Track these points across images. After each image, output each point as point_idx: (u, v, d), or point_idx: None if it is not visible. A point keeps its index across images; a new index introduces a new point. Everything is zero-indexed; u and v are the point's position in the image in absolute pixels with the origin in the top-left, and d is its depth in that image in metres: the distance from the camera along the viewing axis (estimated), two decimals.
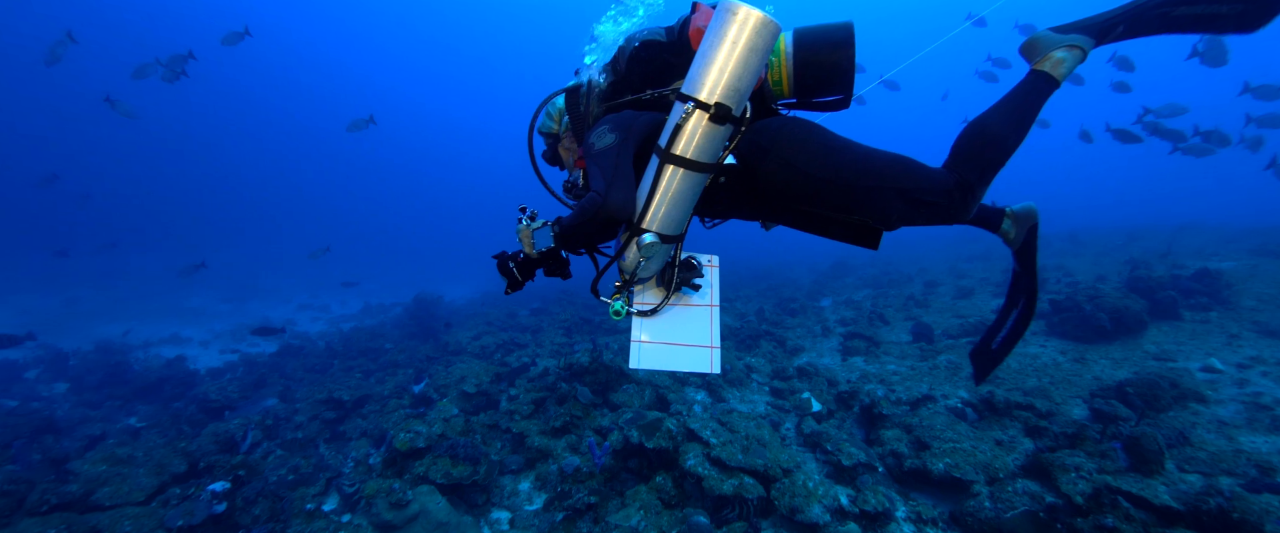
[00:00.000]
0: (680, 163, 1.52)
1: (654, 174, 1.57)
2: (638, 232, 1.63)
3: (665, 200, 1.58)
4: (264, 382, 8.76)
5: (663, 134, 1.56)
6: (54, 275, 19.28)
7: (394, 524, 4.19)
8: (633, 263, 1.69)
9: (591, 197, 1.61)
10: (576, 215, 1.67)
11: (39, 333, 12.84)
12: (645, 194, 1.60)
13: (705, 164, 1.53)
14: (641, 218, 1.61)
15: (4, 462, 5.55)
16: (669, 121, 1.54)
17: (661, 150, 1.54)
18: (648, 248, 1.62)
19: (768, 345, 8.70)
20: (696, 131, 1.48)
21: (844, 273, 16.07)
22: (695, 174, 1.54)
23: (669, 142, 1.51)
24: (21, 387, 9.65)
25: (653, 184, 1.57)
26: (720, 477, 4.61)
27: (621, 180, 1.60)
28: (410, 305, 13.46)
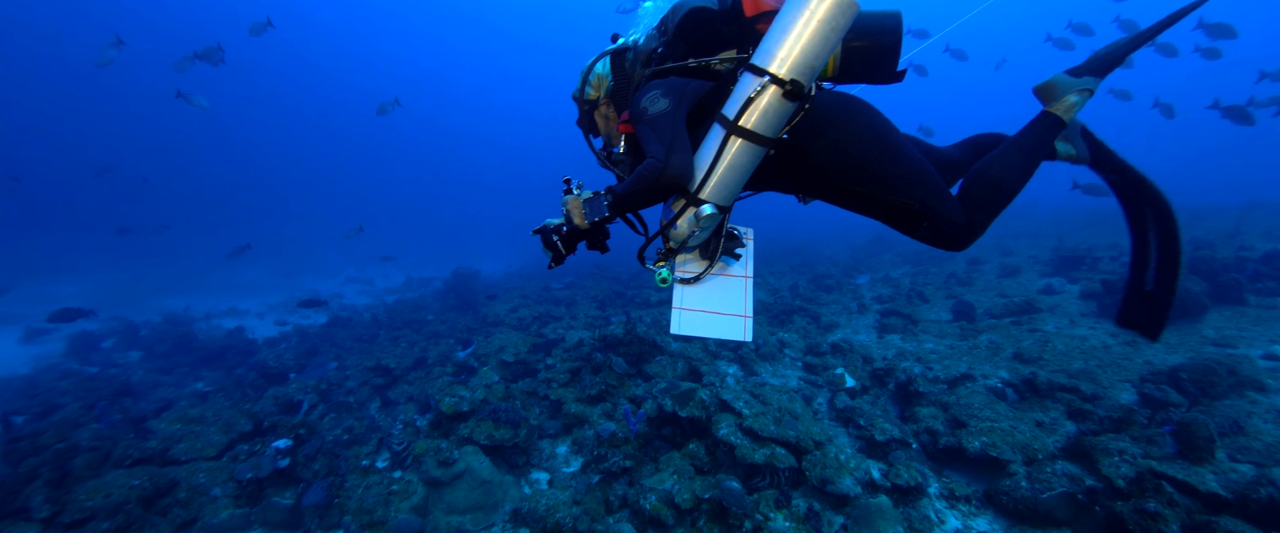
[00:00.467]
0: (746, 135, 1.52)
1: (718, 144, 1.57)
2: (696, 202, 1.63)
3: (725, 170, 1.58)
4: (316, 350, 9.27)
5: (729, 105, 1.56)
6: (119, 255, 20.63)
7: (442, 481, 4.46)
8: (685, 233, 1.71)
9: (650, 163, 1.60)
10: (634, 182, 1.65)
11: (110, 307, 13.91)
12: (706, 164, 1.59)
13: (768, 138, 1.54)
14: (700, 188, 1.62)
15: (89, 421, 6.10)
16: (737, 93, 1.54)
17: (728, 122, 1.54)
18: (708, 219, 1.63)
19: (801, 321, 8.65)
20: (767, 106, 1.48)
21: (882, 249, 15.69)
22: (757, 147, 1.55)
23: (738, 114, 1.51)
24: (99, 355, 10.49)
25: (716, 155, 1.57)
26: (752, 446, 4.69)
27: (680, 146, 1.60)
28: (449, 279, 13.88)
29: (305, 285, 17.84)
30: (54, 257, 20.35)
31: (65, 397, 7.57)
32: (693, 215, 1.65)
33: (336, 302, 15.22)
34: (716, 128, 1.59)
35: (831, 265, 13.77)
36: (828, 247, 17.99)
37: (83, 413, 6.27)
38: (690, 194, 1.64)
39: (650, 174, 1.59)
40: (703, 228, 1.67)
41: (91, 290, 16.71)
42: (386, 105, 11.20)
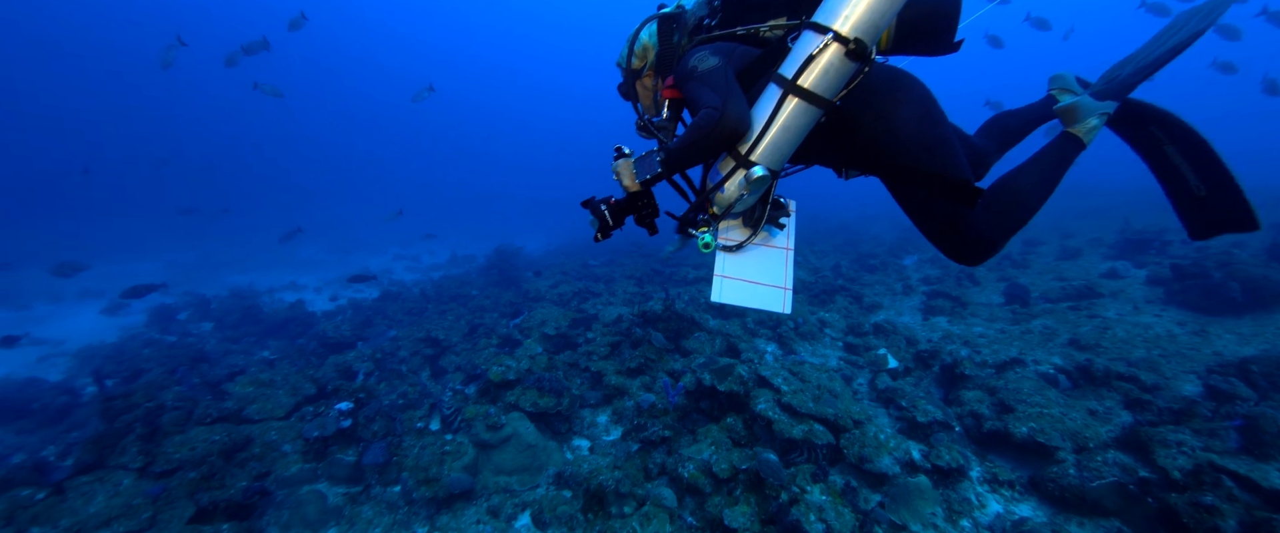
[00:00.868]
0: (803, 94, 1.49)
1: (773, 104, 1.54)
2: (747, 163, 1.60)
3: (778, 131, 1.55)
4: (370, 322, 9.78)
5: (787, 64, 1.54)
6: (187, 236, 22.08)
7: (490, 443, 4.70)
8: (732, 196, 1.67)
9: (706, 112, 1.57)
10: (688, 133, 1.62)
11: (183, 283, 15.02)
12: (759, 124, 1.56)
13: (824, 100, 1.50)
14: (752, 148, 1.59)
15: (172, 384, 6.66)
16: (797, 51, 1.52)
17: (786, 80, 1.51)
18: (758, 182, 1.58)
19: (843, 301, 8.51)
20: (828, 65, 1.45)
21: None
22: (812, 109, 1.52)
23: (798, 72, 1.48)
24: (176, 326, 11.38)
25: (771, 114, 1.54)
26: (790, 422, 4.72)
27: (736, 94, 1.58)
28: (492, 256, 14.28)
29: (357, 262, 18.72)
30: (127, 238, 22.03)
31: (149, 362, 8.30)
32: (743, 178, 1.61)
33: (386, 277, 15.94)
34: (772, 87, 1.57)
35: (876, 245, 13.41)
36: (873, 226, 17.47)
37: (165, 377, 6.86)
38: (740, 155, 1.61)
39: (707, 123, 1.56)
40: (752, 191, 1.63)
41: (164, 268, 18.04)
42: (420, 93, 11.44)
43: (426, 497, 4.30)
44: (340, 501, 4.48)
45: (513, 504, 4.35)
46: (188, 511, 4.01)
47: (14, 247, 18.75)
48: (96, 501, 4.03)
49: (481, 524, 4.18)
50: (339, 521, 4.31)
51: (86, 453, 5.05)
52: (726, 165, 1.67)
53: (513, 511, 4.30)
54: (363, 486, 4.66)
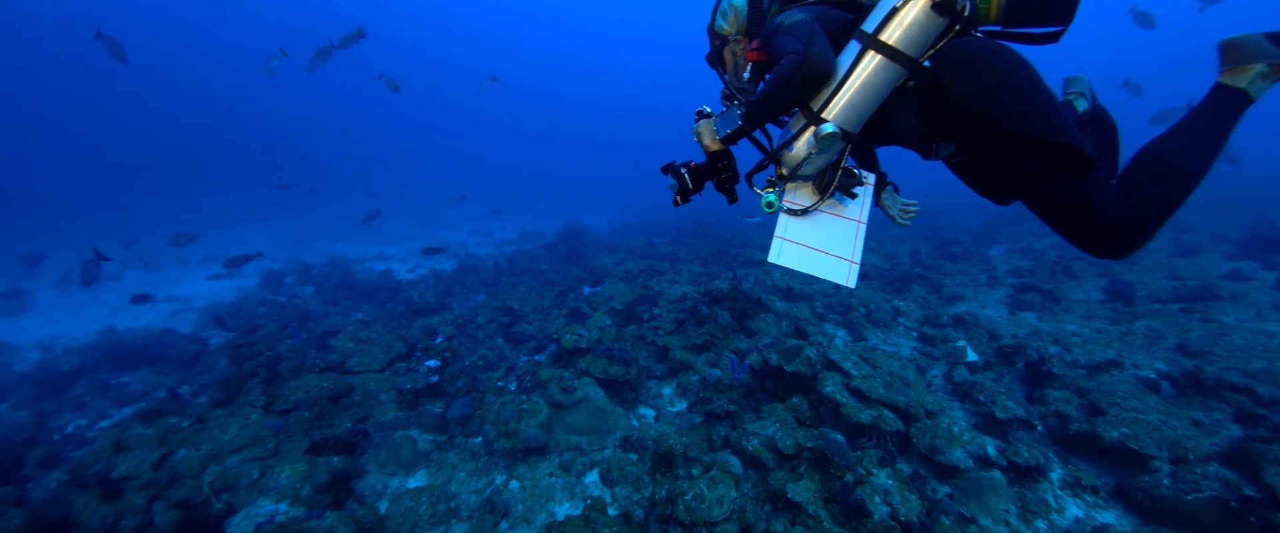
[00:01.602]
0: (883, 50, 1.44)
1: (851, 59, 1.49)
2: (817, 120, 1.54)
3: (855, 88, 1.50)
4: (450, 291, 10.46)
5: (870, 20, 1.49)
6: (290, 211, 24.27)
7: (564, 404, 4.99)
8: (800, 155, 1.62)
9: (788, 57, 1.54)
10: (770, 80, 1.59)
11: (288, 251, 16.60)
12: (836, 80, 1.51)
13: (907, 57, 1.44)
14: (825, 105, 1.53)
15: (284, 338, 7.49)
16: (881, 6, 1.47)
17: (866, 35, 1.47)
18: (826, 139, 1.52)
19: (920, 290, 8.17)
20: (913, 19, 1.40)
21: (1023, 217, 14.02)
22: (893, 67, 1.46)
23: (878, 26, 1.44)
24: (284, 288, 12.66)
25: (849, 69, 1.48)
26: (858, 406, 4.67)
27: (820, 39, 1.54)
28: (560, 232, 14.76)
29: (437, 236, 19.91)
30: (240, 212, 24.56)
31: (263, 319, 9.33)
32: (812, 136, 1.55)
33: (463, 250, 16.89)
34: (853, 43, 1.52)
35: (959, 232, 12.66)
36: (957, 212, 16.41)
37: (279, 331, 7.71)
38: (812, 111, 1.55)
39: (788, 67, 1.52)
40: (821, 151, 1.57)
41: (270, 237, 20.00)
42: (482, 84, 11.81)
43: (505, 448, 4.66)
44: (429, 446, 4.94)
45: (582, 462, 4.62)
46: (303, 444, 4.58)
47: (142, 222, 21.46)
48: (231, 430, 4.69)
49: (553, 477, 4.48)
50: (428, 464, 4.76)
51: (219, 391, 5.84)
52: (797, 122, 1.62)
53: (582, 468, 4.57)
54: (448, 435, 5.11)
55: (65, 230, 20.67)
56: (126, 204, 24.83)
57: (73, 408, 7.04)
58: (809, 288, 7.68)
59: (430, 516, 4.14)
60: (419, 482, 4.57)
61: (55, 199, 24.07)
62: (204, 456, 4.32)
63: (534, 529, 3.98)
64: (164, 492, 4.03)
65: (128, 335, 9.33)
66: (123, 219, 22.36)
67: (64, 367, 7.98)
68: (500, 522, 3.99)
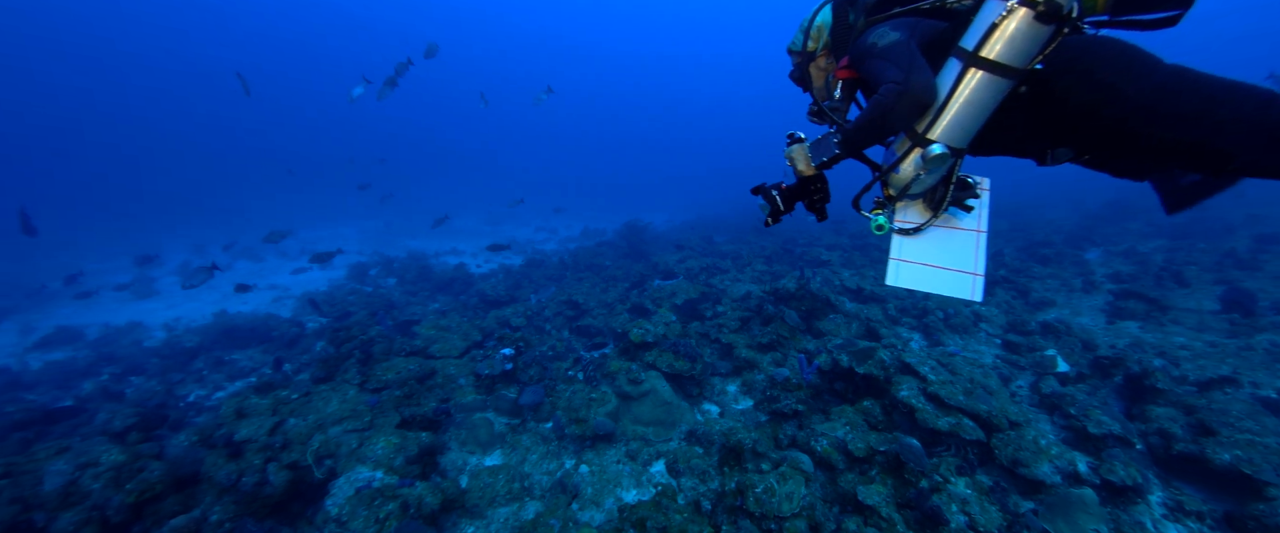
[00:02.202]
0: (986, 66, 1.38)
1: (954, 77, 1.44)
2: (923, 142, 1.50)
3: (960, 106, 1.45)
4: (519, 285, 10.91)
5: (969, 35, 1.43)
6: (371, 211, 26.04)
7: (631, 395, 5.13)
8: (907, 177, 1.58)
9: (888, 86, 1.51)
10: (868, 110, 1.57)
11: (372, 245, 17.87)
12: (940, 100, 1.47)
13: (1013, 69, 1.38)
14: (930, 126, 1.49)
15: (373, 324, 8.11)
16: (979, 20, 1.41)
17: (967, 52, 1.41)
18: (935, 160, 1.48)
19: (1005, 294, 7.70)
20: (1015, 31, 1.33)
21: (1125, 215, 12.82)
22: (999, 81, 1.40)
23: (978, 42, 1.38)
24: (369, 279, 13.65)
25: (952, 88, 1.44)
26: (935, 413, 4.50)
27: (919, 66, 1.50)
28: (622, 230, 15.01)
29: (504, 232, 20.77)
30: (329, 211, 26.68)
31: (353, 306, 10.12)
32: (919, 157, 1.51)
33: (530, 246, 17.53)
34: (953, 61, 1.46)
35: (1051, 231, 11.75)
36: (1048, 209, 15.19)
37: (368, 318, 8.35)
38: (917, 133, 1.51)
39: (887, 97, 1.50)
40: (929, 171, 1.52)
41: (356, 234, 21.60)
42: (539, 96, 12.14)
43: (575, 434, 4.85)
44: (504, 429, 5.23)
45: (648, 452, 4.74)
46: (394, 419, 4.98)
47: (242, 221, 23.74)
48: (332, 404, 5.16)
49: (621, 464, 4.62)
50: (503, 445, 5.03)
51: (319, 369, 6.42)
52: (902, 145, 1.58)
53: (648, 457, 4.69)
54: (521, 419, 5.37)
55: (179, 226, 23.30)
56: (229, 205, 27.63)
57: (194, 380, 7.96)
58: (880, 290, 7.43)
59: (506, 492, 4.39)
60: (495, 461, 4.84)
61: (169, 201, 27.24)
62: (310, 425, 4.79)
63: (603, 512, 4.13)
64: (278, 455, 4.52)
65: (238, 318, 10.42)
66: (226, 218, 24.92)
67: (186, 344, 9.04)
68: (572, 503, 4.18)
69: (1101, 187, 16.21)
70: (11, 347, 10.39)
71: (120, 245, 18.63)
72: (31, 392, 7.96)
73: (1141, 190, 1.70)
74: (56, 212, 13.78)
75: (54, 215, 11.58)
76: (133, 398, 7.20)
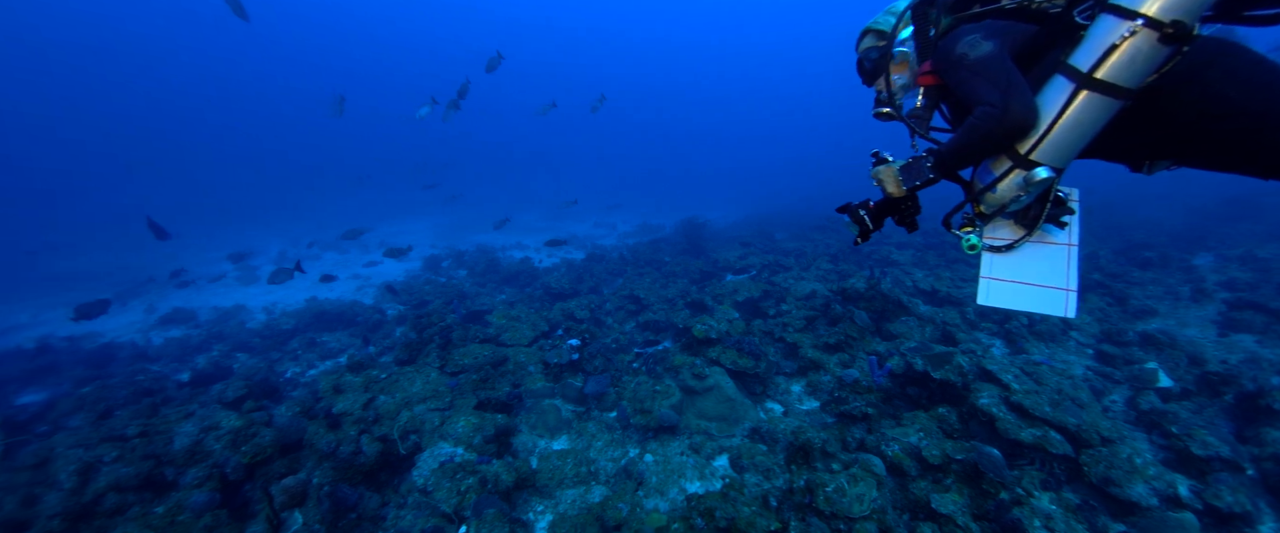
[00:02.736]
0: (1099, 87, 1.31)
1: (1062, 98, 1.38)
2: (1026, 164, 1.45)
3: (1066, 127, 1.38)
4: (581, 279, 11.20)
5: (1081, 53, 1.36)
6: (440, 210, 27.43)
7: (695, 390, 5.21)
8: (1005, 198, 1.53)
9: (986, 110, 1.45)
10: (965, 134, 1.51)
11: (445, 240, 18.85)
12: (1045, 120, 1.41)
13: (1126, 90, 1.31)
14: (1033, 148, 1.43)
15: (448, 312, 8.59)
16: (1093, 39, 1.33)
17: (1079, 73, 1.34)
18: (1039, 184, 1.43)
19: (1099, 301, 7.16)
20: (1136, 52, 1.26)
21: (1245, 215, 11.50)
22: (1109, 101, 1.33)
23: (1094, 64, 1.31)
24: (442, 271, 14.41)
25: (1060, 110, 1.38)
26: (1018, 423, 4.30)
27: (1020, 89, 1.43)
28: (680, 226, 15.05)
29: (564, 228, 21.32)
30: (403, 209, 28.33)
31: (429, 295, 10.74)
32: (1021, 178, 1.46)
33: (589, 242, 17.91)
34: (1060, 80, 1.39)
35: (1153, 233, 10.75)
36: (1145, 206, 13.85)
37: (444, 307, 8.86)
38: (1019, 154, 1.45)
39: (987, 122, 1.44)
40: (1029, 193, 1.48)
41: (429, 228, 22.86)
42: (596, 103, 12.38)
43: (640, 425, 4.98)
44: (571, 415, 5.43)
45: (711, 446, 4.79)
46: (472, 401, 5.30)
47: (329, 219, 25.60)
48: (416, 384, 5.55)
49: (684, 456, 4.71)
50: (569, 431, 5.24)
51: (402, 353, 6.90)
52: (1000, 164, 1.52)
53: (711, 451, 4.74)
54: (586, 407, 5.57)
55: (273, 224, 25.44)
56: (315, 205, 30.00)
57: (290, 358, 8.73)
58: (957, 292, 7.09)
59: (574, 475, 4.58)
60: (563, 445, 5.06)
61: (264, 203, 29.96)
62: (398, 402, 5.19)
63: (667, 501, 4.23)
64: (370, 427, 4.92)
65: (326, 304, 11.31)
66: (314, 216, 26.99)
67: (283, 326, 9.91)
68: (637, 490, 4.30)
69: (1212, 183, 14.63)
70: (138, 324, 11.77)
71: (219, 243, 20.68)
72: (155, 363, 9.01)
73: (1264, 188, 1.52)
74: (168, 214, 15.70)
75: (165, 217, 13.19)
76: (240, 372, 8.02)
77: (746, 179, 41.91)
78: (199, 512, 4.18)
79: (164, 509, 4.25)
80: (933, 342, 5.71)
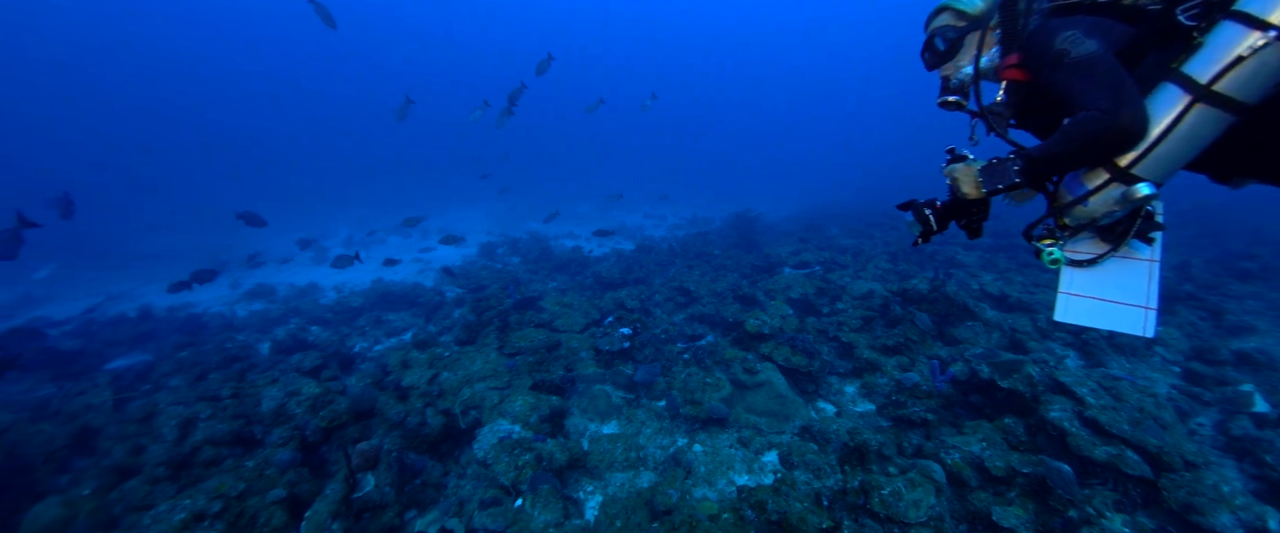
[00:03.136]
0: (1218, 101, 1.24)
1: (1175, 110, 1.29)
2: (1126, 178, 1.37)
3: (1175, 142, 1.30)
4: (631, 269, 11.33)
5: (1198, 63, 1.28)
6: (492, 200, 28.28)
7: (746, 385, 5.21)
8: (1098, 211, 1.46)
9: (1091, 115, 1.35)
10: (1065, 140, 1.40)
11: (499, 227, 19.49)
12: (1154, 133, 1.33)
13: (1243, 104, 1.24)
14: (1137, 161, 1.35)
15: (506, 297, 8.91)
16: (1214, 49, 1.25)
17: (1197, 85, 1.26)
18: (1139, 200, 1.36)
19: (1189, 314, 6.63)
20: (1260, 66, 1.19)
21: None
22: (1224, 116, 1.26)
23: (1216, 75, 1.23)
24: (497, 257, 14.91)
25: (1171, 122, 1.30)
26: (1092, 440, 4.07)
27: (1131, 94, 1.33)
28: (731, 219, 14.92)
29: (614, 218, 21.55)
30: (460, 198, 29.41)
31: (486, 280, 11.16)
32: (1119, 193, 1.38)
33: (639, 232, 18.05)
34: (1172, 89, 1.30)
35: (1255, 241, 9.79)
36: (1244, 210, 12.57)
37: (500, 291, 9.19)
38: (1119, 167, 1.36)
39: (1093, 128, 1.33)
40: (1125, 208, 1.41)
41: (483, 216, 23.66)
42: (645, 102, 12.39)
43: (690, 415, 5.04)
44: (620, 401, 5.56)
45: (760, 441, 4.79)
46: (528, 381, 5.51)
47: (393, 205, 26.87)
48: (477, 363, 5.83)
49: (733, 449, 4.73)
50: (619, 416, 5.36)
51: (462, 333, 7.24)
52: (1094, 177, 1.43)
53: (761, 446, 4.75)
54: (635, 395, 5.68)
55: (339, 211, 26.97)
56: (379, 194, 31.63)
57: (358, 334, 9.30)
58: (1029, 298, 6.72)
59: (624, 460, 4.70)
60: (613, 430, 5.19)
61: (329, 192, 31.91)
62: (459, 379, 5.47)
63: (715, 491, 4.28)
64: (434, 401, 5.22)
65: (391, 285, 11.95)
66: (380, 203, 28.45)
67: (353, 304, 10.56)
68: (686, 478, 4.37)
69: None
70: (225, 298, 12.84)
71: (294, 228, 22.19)
72: (241, 333, 9.82)
73: None
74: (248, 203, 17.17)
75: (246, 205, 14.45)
76: (316, 344, 8.63)
77: (799, 172, 41.01)
78: (283, 468, 4.58)
79: (253, 464, 4.67)
80: (1000, 349, 5.46)
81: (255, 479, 4.44)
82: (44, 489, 5.25)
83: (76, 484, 5.10)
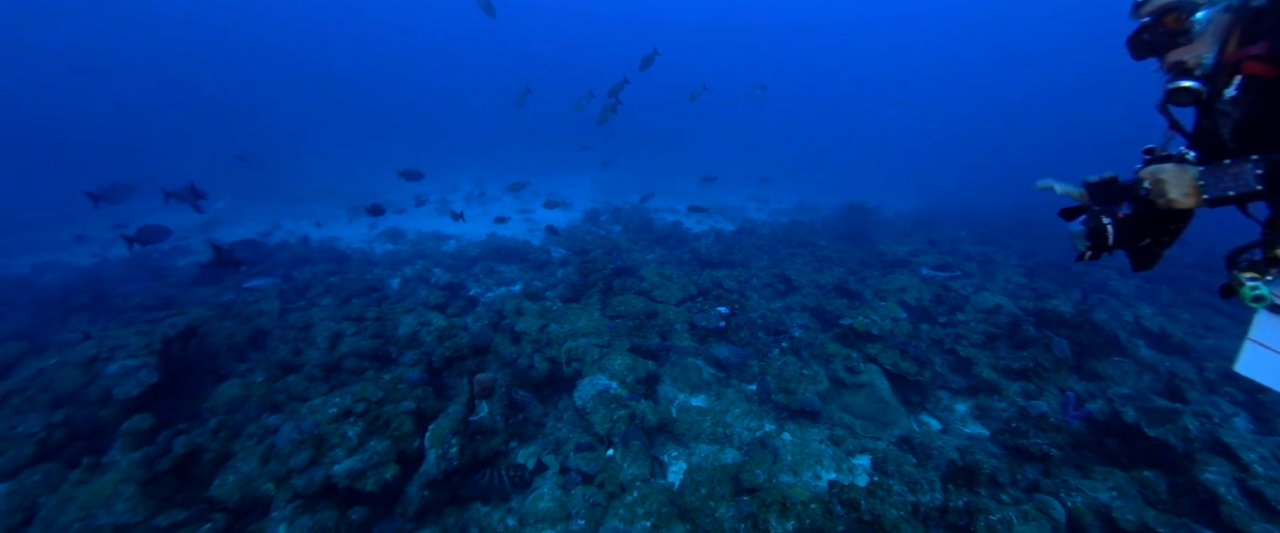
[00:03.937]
0: None
1: None
2: None
3: None
4: (730, 250, 11.25)
5: None
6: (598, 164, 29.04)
7: (845, 383, 5.08)
8: None
9: None
10: None
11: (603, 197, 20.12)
12: None
13: None
14: None
15: (607, 262, 9.26)
16: None
17: None
18: None
19: None
20: None
21: None
22: None
23: None
24: (600, 224, 15.41)
25: None
26: (1251, 513, 3.54)
27: None
28: (842, 210, 14.20)
29: (714, 198, 21.34)
30: (565, 166, 30.50)
31: (590, 245, 11.63)
32: None
33: (740, 214, 17.76)
34: None
35: None
36: None
37: (603, 256, 9.56)
38: None
39: None
40: None
41: (590, 183, 24.43)
42: (754, 92, 11.98)
43: (781, 403, 5.02)
44: (710, 378, 5.66)
45: (853, 443, 4.68)
46: (626, 343, 5.78)
47: (507, 168, 28.47)
48: (581, 320, 6.20)
49: (823, 445, 4.67)
50: (708, 392, 5.47)
51: (567, 291, 7.68)
52: None
53: (853, 448, 4.63)
54: (726, 373, 5.74)
55: (459, 171, 29.04)
56: (495, 158, 33.75)
57: (472, 280, 10.16)
58: (1195, 341, 5.81)
59: (711, 434, 4.82)
60: (701, 403, 5.31)
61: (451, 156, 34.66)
62: (565, 332, 5.86)
63: (800, 482, 4.26)
64: (542, 348, 5.65)
65: (503, 240, 12.86)
66: (499, 165, 30.39)
67: (470, 254, 11.51)
68: (773, 463, 4.40)
69: None
70: (363, 236, 14.53)
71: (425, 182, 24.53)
72: (377, 267, 11.12)
73: None
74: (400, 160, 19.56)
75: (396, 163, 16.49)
76: (439, 283, 9.58)
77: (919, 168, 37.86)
78: (413, 384, 5.23)
79: (389, 377, 5.38)
80: (1152, 393, 4.81)
81: (391, 390, 5.12)
82: (226, 372, 6.42)
83: (252, 373, 6.18)
